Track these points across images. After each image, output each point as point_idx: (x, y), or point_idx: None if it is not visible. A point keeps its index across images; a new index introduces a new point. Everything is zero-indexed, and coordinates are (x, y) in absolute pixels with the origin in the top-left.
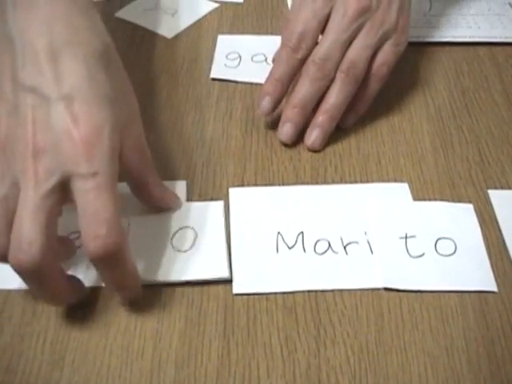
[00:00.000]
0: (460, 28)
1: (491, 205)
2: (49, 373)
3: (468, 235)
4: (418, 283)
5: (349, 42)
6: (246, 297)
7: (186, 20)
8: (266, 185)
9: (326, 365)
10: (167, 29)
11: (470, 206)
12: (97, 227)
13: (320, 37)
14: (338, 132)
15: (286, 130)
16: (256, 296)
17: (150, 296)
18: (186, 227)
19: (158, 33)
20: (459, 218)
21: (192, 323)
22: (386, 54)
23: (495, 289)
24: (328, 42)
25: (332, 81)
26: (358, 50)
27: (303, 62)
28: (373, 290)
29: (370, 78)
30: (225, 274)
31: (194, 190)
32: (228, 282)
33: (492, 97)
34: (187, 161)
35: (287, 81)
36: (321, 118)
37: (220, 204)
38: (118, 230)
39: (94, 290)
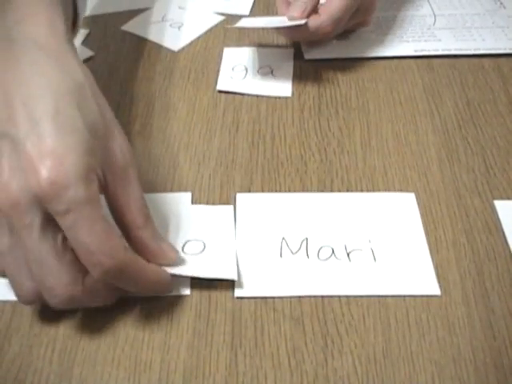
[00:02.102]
0: (465, 41)
1: (497, 215)
2: None
3: None
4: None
5: None
6: (253, 308)
7: (192, 33)
8: None
9: (333, 375)
10: (173, 42)
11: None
12: (90, 258)
13: None
14: (345, 144)
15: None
16: (263, 307)
17: (157, 308)
18: (196, 232)
19: (165, 46)
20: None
21: (200, 334)
22: None
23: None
24: None
25: None
26: None
27: None
28: (379, 299)
29: None
30: (233, 276)
31: (200, 201)
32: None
33: (497, 108)
34: (194, 172)
35: None
36: None
37: (230, 208)
38: (111, 252)
39: None
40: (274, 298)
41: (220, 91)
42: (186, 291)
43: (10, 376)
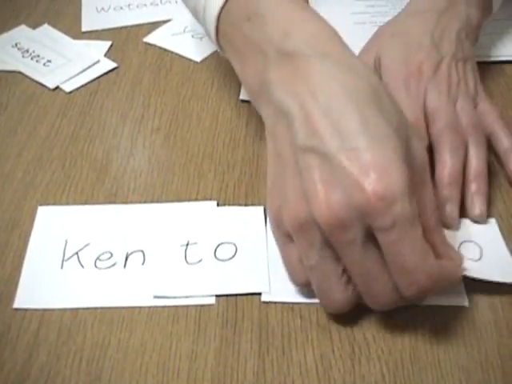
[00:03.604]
0: (485, 48)
1: None
2: None
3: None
4: None
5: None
6: (280, 315)
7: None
8: None
9: (361, 382)
10: (196, 52)
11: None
12: (407, 277)
13: None
14: None
15: (451, 211)
16: (290, 314)
17: (185, 316)
18: (227, 236)
19: (187, 57)
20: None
21: (227, 342)
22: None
23: None
24: (443, 117)
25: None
26: (468, 114)
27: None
28: (407, 307)
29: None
30: (265, 289)
31: (228, 197)
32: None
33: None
34: (218, 182)
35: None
36: (475, 184)
37: (260, 210)
38: (430, 273)
39: (130, 310)
40: (300, 304)
41: (243, 101)
42: (211, 301)
43: None
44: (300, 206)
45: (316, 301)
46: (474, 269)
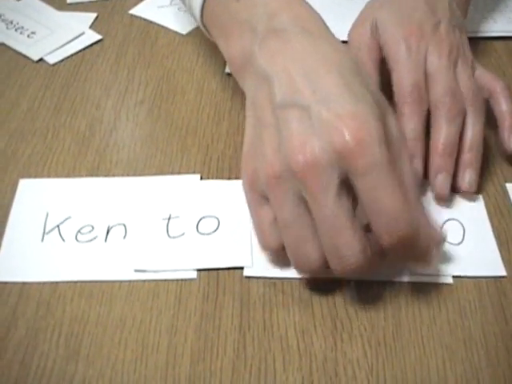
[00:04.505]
0: (476, 23)
1: (509, 198)
2: (63, 367)
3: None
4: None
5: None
6: (261, 290)
7: None
8: None
9: (342, 358)
10: (181, 25)
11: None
12: (387, 224)
13: None
14: None
15: (443, 182)
16: (272, 289)
17: (165, 290)
18: (209, 209)
19: (173, 29)
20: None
21: (207, 317)
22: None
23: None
24: (442, 82)
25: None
26: (468, 81)
27: (428, 112)
28: (390, 283)
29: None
30: (247, 263)
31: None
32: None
33: (510, 90)
34: (202, 156)
35: (423, 134)
36: (468, 155)
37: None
38: (411, 220)
39: (110, 284)
40: (282, 279)
41: (228, 74)
42: (193, 275)
43: (17, 359)
44: (276, 159)
45: (298, 276)
46: (453, 259)
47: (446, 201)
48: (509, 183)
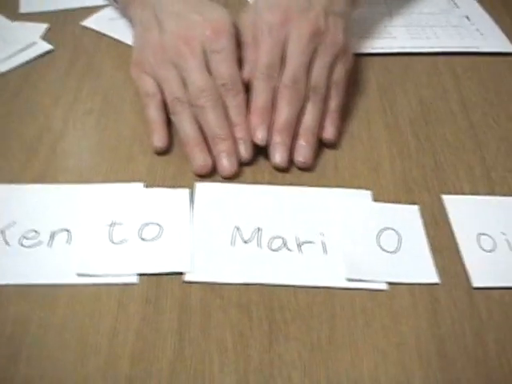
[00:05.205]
0: (419, 39)
1: (445, 209)
2: (4, 367)
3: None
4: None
5: (309, 63)
6: (200, 295)
7: None
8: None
9: (278, 360)
10: (131, 37)
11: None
12: (220, 77)
13: None
14: None
15: (281, 154)
16: (211, 294)
17: (107, 294)
18: (152, 216)
19: (123, 41)
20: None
21: (147, 320)
22: (340, 72)
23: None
24: (293, 66)
25: (305, 100)
26: (319, 70)
27: (277, 88)
28: (327, 290)
29: (332, 94)
30: (186, 269)
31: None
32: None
33: (449, 106)
34: (147, 164)
35: (270, 108)
36: (304, 135)
37: (186, 192)
38: (236, 80)
39: (52, 288)
40: (222, 284)
41: None
42: (134, 279)
43: None
44: (160, 45)
45: (237, 281)
46: (388, 267)
47: (284, 167)
48: (444, 195)
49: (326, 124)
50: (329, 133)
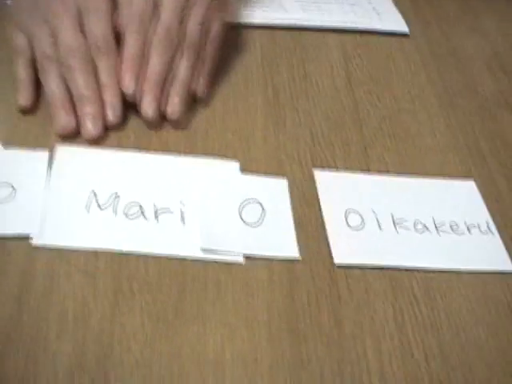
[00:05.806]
0: (311, 13)
1: (315, 184)
2: None
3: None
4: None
5: (183, 16)
6: (46, 259)
7: None
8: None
9: (119, 330)
10: None
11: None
12: (90, 31)
13: None
14: None
15: (149, 102)
16: (57, 259)
17: None
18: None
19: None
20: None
21: None
22: (217, 27)
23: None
24: (166, 17)
25: (176, 52)
26: (194, 24)
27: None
28: (180, 261)
29: (207, 48)
30: (35, 232)
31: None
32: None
33: (334, 83)
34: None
35: (141, 58)
36: (175, 86)
37: (44, 155)
38: (107, 38)
39: None
40: (70, 251)
41: None
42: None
43: None
44: (33, 2)
45: (86, 246)
46: (247, 239)
47: (151, 120)
48: (316, 169)
49: (198, 78)
50: (200, 86)
